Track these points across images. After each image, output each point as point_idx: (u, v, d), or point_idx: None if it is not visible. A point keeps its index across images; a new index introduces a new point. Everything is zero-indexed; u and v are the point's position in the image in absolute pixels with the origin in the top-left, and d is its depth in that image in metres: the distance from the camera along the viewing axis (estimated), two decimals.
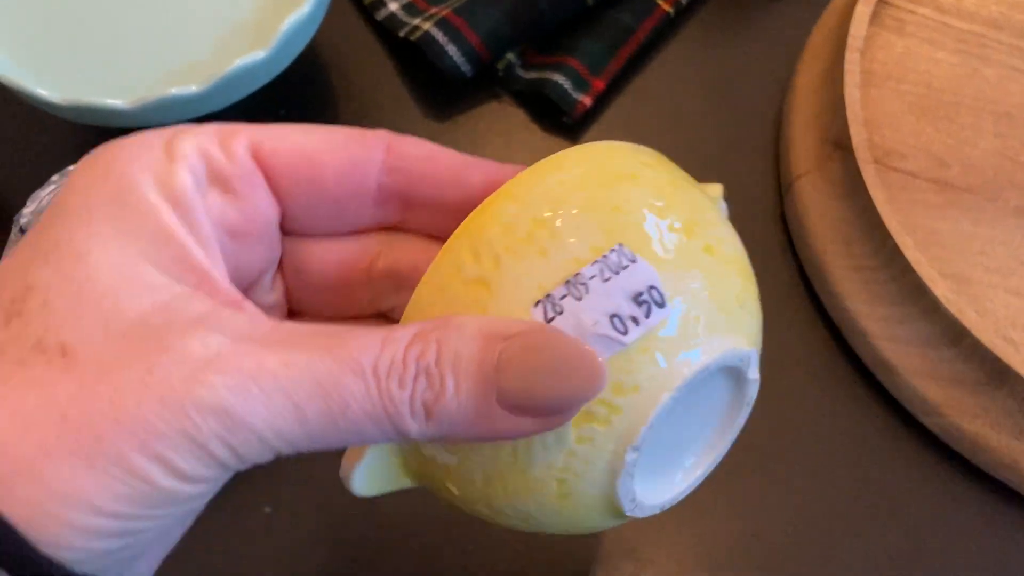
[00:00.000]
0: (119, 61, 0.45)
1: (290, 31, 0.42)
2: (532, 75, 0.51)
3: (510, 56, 0.52)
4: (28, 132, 0.50)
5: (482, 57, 0.49)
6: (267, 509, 0.41)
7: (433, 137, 0.50)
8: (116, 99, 0.40)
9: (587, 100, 0.49)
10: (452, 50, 0.49)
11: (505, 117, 0.51)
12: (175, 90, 0.40)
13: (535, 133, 0.51)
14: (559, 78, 0.49)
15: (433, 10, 0.51)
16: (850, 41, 0.45)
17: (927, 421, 0.42)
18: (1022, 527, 0.42)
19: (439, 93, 0.52)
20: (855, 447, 0.43)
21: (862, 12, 0.46)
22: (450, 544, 0.41)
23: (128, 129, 0.44)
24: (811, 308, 0.46)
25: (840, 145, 0.44)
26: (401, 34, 0.50)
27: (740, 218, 0.41)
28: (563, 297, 0.21)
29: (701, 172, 0.49)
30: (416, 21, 0.51)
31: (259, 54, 0.41)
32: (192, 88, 0.40)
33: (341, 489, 0.40)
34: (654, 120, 0.51)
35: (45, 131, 0.50)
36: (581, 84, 0.49)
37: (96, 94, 0.40)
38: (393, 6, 0.53)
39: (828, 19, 0.51)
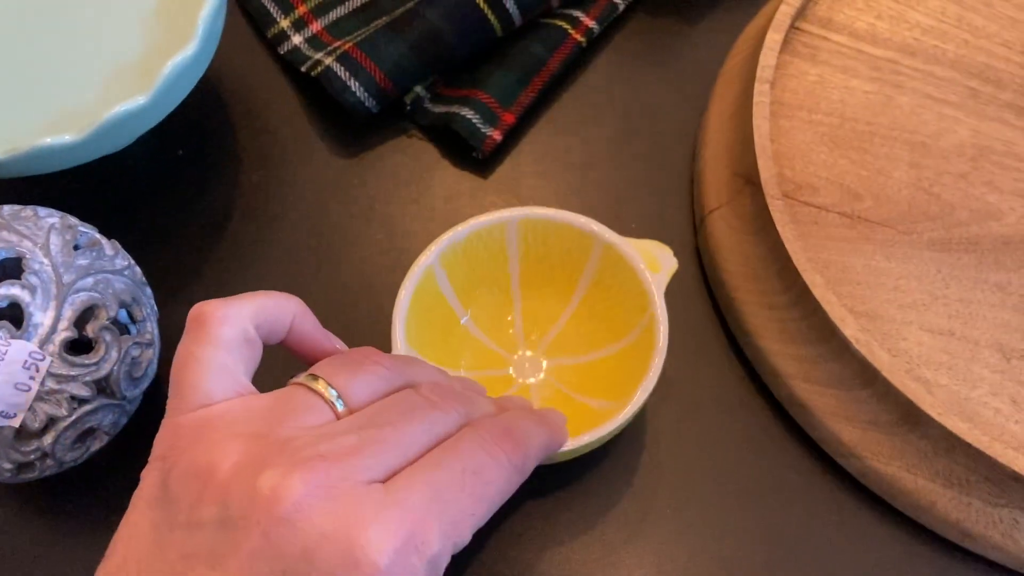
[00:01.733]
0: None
1: (173, 74, 0.40)
2: (440, 109, 0.49)
3: (418, 89, 0.50)
4: None
5: (387, 91, 0.48)
6: None
7: (341, 174, 0.49)
8: None
9: (496, 135, 0.48)
10: (354, 85, 0.47)
11: (414, 153, 0.50)
12: (50, 140, 0.38)
13: (447, 168, 0.49)
14: (467, 112, 0.48)
15: (336, 43, 0.49)
16: (760, 71, 0.44)
17: (844, 463, 0.41)
18: (941, 569, 0.41)
19: (346, 129, 0.50)
20: (772, 488, 0.42)
21: (773, 40, 0.45)
22: None
23: (5, 181, 0.42)
24: (726, 345, 0.45)
25: (750, 180, 0.43)
26: (303, 69, 0.49)
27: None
28: None
29: (616, 204, 0.48)
30: (319, 55, 0.49)
31: (139, 99, 0.39)
32: (66, 137, 0.38)
33: None
34: (568, 153, 0.50)
35: None
36: (490, 118, 0.48)
37: None
38: (297, 39, 0.51)
39: (742, 47, 0.50)
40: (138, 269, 0.39)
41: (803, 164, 0.44)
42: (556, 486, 0.41)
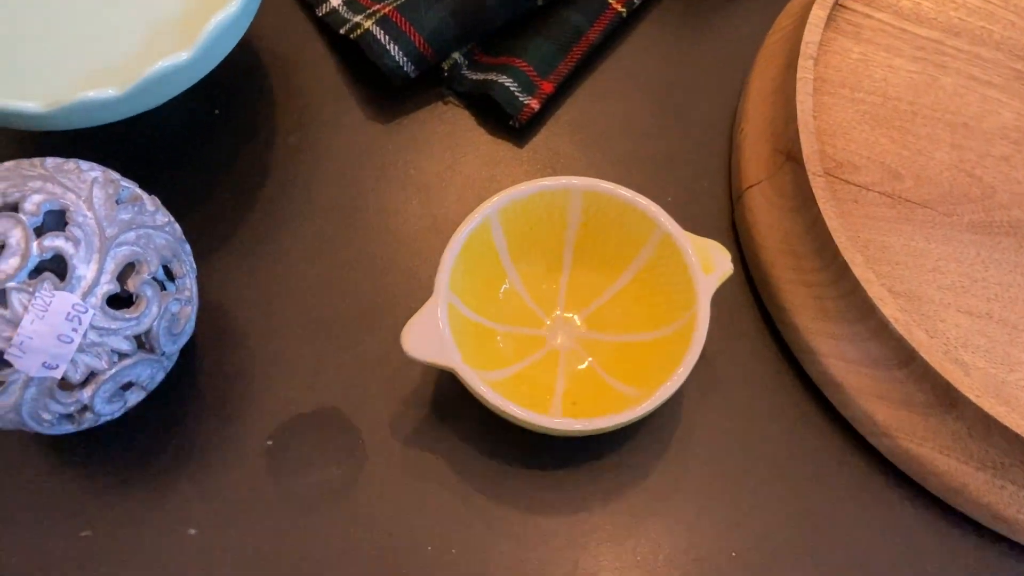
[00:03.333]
0: (37, 62, 0.43)
1: (215, 32, 0.39)
2: (478, 76, 0.49)
3: (456, 56, 0.50)
4: None
5: (426, 57, 0.47)
6: (191, 531, 0.39)
7: (377, 139, 0.49)
8: (30, 102, 0.38)
9: (534, 103, 0.48)
10: (394, 49, 0.47)
11: (451, 119, 0.50)
12: (92, 93, 0.38)
13: (481, 136, 0.49)
14: (506, 80, 0.48)
15: (376, 7, 0.49)
16: (804, 47, 0.44)
17: (875, 442, 0.41)
18: (971, 551, 0.41)
19: (383, 94, 0.50)
20: (802, 466, 0.42)
21: (817, 16, 0.45)
22: (381, 566, 0.39)
23: (45, 133, 0.42)
24: (761, 321, 0.45)
25: (791, 156, 0.42)
26: (342, 31, 0.48)
27: (692, 226, 0.40)
28: None
29: (652, 177, 0.48)
30: (358, 18, 0.49)
31: (181, 56, 0.39)
32: (110, 91, 0.38)
33: (267, 509, 0.39)
34: (603, 124, 0.50)
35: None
36: (529, 87, 0.48)
37: (10, 96, 0.38)
38: (335, 2, 0.51)
39: (783, 22, 0.49)
40: (178, 226, 0.39)
41: (844, 142, 0.44)
42: (587, 457, 0.42)
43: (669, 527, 0.41)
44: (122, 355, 0.35)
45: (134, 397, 0.37)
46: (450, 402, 0.42)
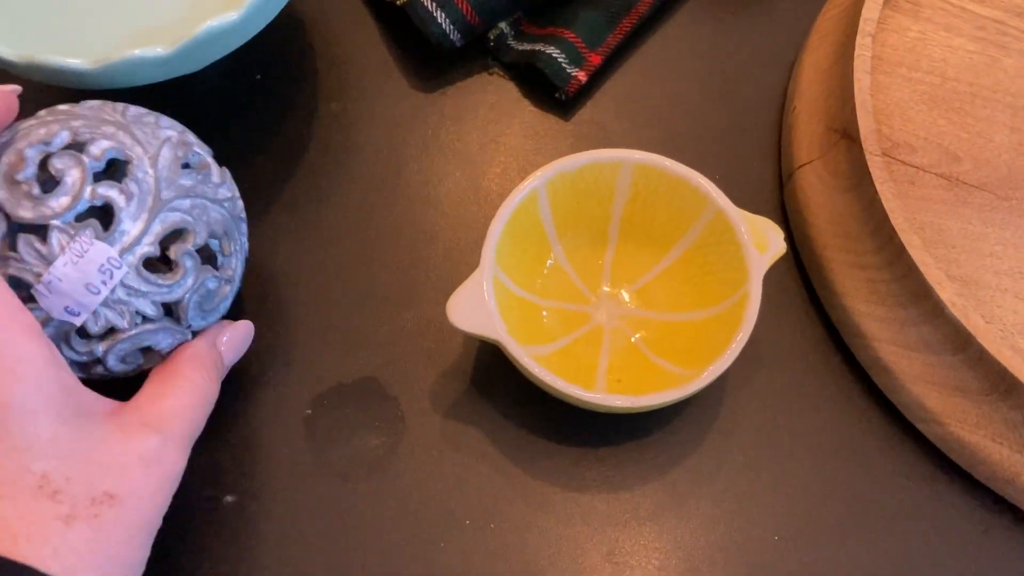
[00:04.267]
0: (85, 20, 0.42)
1: None
2: (525, 47, 0.48)
3: (502, 26, 0.49)
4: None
5: (473, 26, 0.47)
6: (228, 498, 0.39)
7: (420, 108, 0.48)
8: (78, 59, 0.38)
9: (582, 75, 0.47)
10: (441, 17, 0.46)
11: (495, 90, 0.49)
12: (140, 51, 0.37)
13: (526, 108, 0.48)
14: (554, 51, 0.47)
15: None
16: (862, 24, 0.43)
17: (924, 428, 0.40)
18: (1018, 541, 0.40)
19: (426, 62, 0.49)
20: (847, 451, 0.41)
21: None
22: (418, 539, 0.39)
23: (92, 91, 0.42)
24: (808, 303, 0.44)
25: (847, 134, 0.42)
26: (399, 1, 0.48)
27: (740, 204, 0.39)
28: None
29: (699, 154, 0.47)
30: None
31: (231, 16, 0.38)
32: (158, 50, 0.37)
33: (305, 478, 0.38)
34: (650, 99, 0.49)
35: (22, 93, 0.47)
36: (577, 58, 0.47)
37: (59, 53, 0.38)
38: None
39: None
40: (240, 203, 0.38)
41: (901, 122, 0.43)
42: (629, 435, 0.41)
43: (711, 508, 0.40)
44: (146, 319, 0.34)
45: (150, 363, 0.36)
46: (490, 375, 0.42)
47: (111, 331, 0.33)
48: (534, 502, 0.40)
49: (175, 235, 0.35)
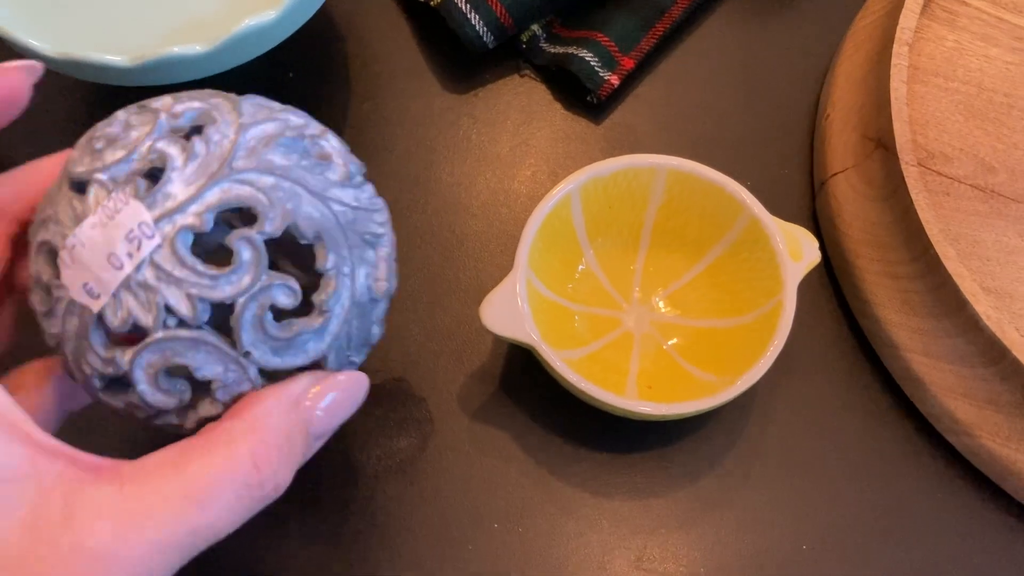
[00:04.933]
0: (122, 16, 0.43)
1: None
2: (557, 49, 0.48)
3: (535, 28, 0.49)
4: (38, 87, 0.48)
5: (506, 27, 0.47)
6: None
7: (451, 109, 0.48)
8: (116, 56, 0.38)
9: (614, 79, 0.47)
10: (475, 18, 0.46)
11: (526, 92, 0.49)
12: (178, 49, 0.38)
13: (557, 111, 0.48)
14: (586, 54, 0.47)
15: None
16: (899, 33, 0.43)
17: (954, 440, 0.40)
18: None
19: (458, 63, 0.49)
20: (876, 462, 0.41)
21: (913, 2, 0.43)
22: (446, 540, 0.39)
23: (129, 88, 0.42)
24: (838, 312, 0.44)
25: (882, 144, 0.41)
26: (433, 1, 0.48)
27: (771, 212, 0.39)
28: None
29: (730, 160, 0.47)
30: None
31: (269, 15, 0.38)
32: (196, 48, 0.38)
33: (332, 478, 0.38)
34: (682, 104, 0.49)
35: (57, 90, 0.48)
36: (609, 62, 0.47)
37: (97, 50, 0.38)
38: None
39: (874, 7, 0.48)
40: (377, 224, 0.29)
41: (936, 132, 0.43)
42: (657, 442, 0.41)
43: (739, 517, 0.40)
44: (179, 321, 0.25)
45: (205, 406, 0.27)
46: (519, 379, 0.42)
47: (136, 330, 0.26)
48: (562, 506, 0.40)
49: (241, 217, 0.28)
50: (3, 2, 0.41)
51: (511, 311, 0.36)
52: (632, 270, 0.43)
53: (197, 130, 0.27)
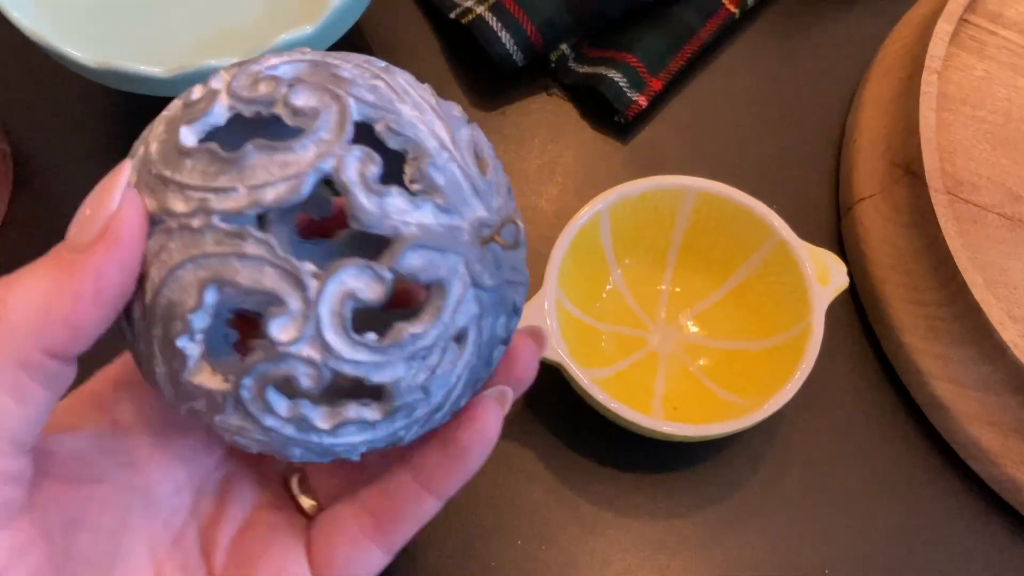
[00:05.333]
0: (159, 28, 0.43)
1: (340, 7, 0.39)
2: (586, 69, 0.48)
3: (563, 47, 0.49)
4: (67, 96, 0.48)
5: (535, 46, 0.47)
6: None
7: (479, 126, 0.48)
8: (153, 66, 0.38)
9: (642, 100, 0.47)
10: (505, 37, 0.46)
11: (554, 111, 0.49)
12: (215, 62, 0.38)
13: (584, 130, 0.49)
14: (615, 75, 0.47)
15: None
16: (928, 61, 0.43)
17: (978, 468, 0.40)
18: None
19: (487, 80, 0.49)
20: (899, 488, 0.41)
21: (943, 30, 0.44)
22: (470, 558, 0.39)
23: (166, 98, 0.42)
24: (863, 337, 0.44)
25: (910, 171, 0.42)
26: (452, 16, 0.48)
27: (796, 235, 0.39)
28: None
29: (755, 183, 0.47)
30: (468, 3, 0.48)
31: (306, 29, 0.39)
32: (233, 61, 0.38)
33: None
34: (709, 126, 0.49)
35: (90, 98, 0.48)
36: (638, 83, 0.47)
37: (134, 60, 0.38)
38: None
39: (902, 33, 0.48)
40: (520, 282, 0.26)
41: (964, 160, 0.43)
42: (681, 463, 0.41)
43: (762, 539, 0.40)
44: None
45: (361, 437, 0.23)
46: (543, 397, 0.42)
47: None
48: (586, 525, 0.40)
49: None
50: (45, 13, 0.42)
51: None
52: (659, 290, 0.43)
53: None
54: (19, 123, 0.47)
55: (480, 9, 0.47)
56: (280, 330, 0.21)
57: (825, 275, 0.39)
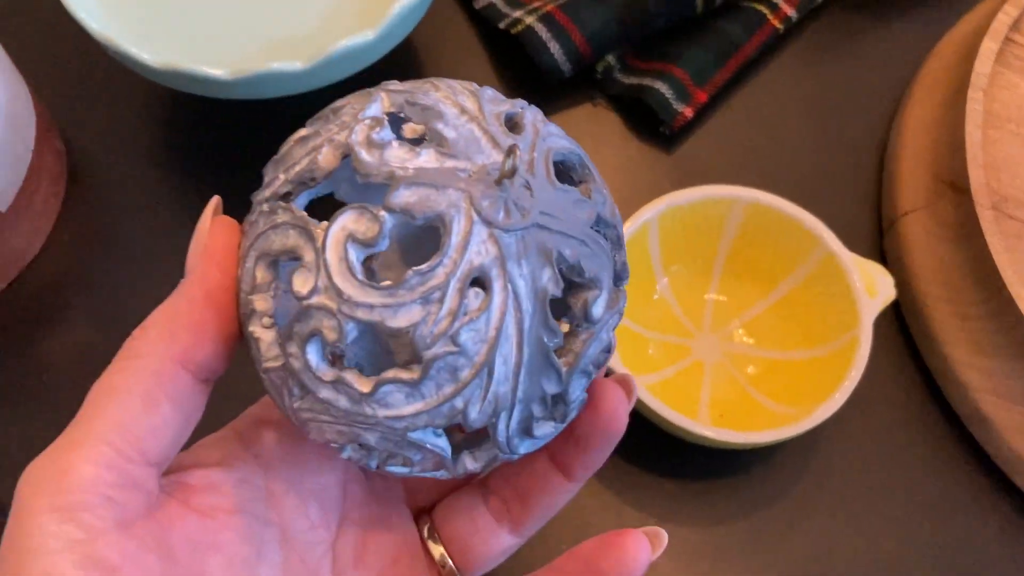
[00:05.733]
0: (221, 31, 0.44)
1: (400, 14, 0.40)
2: (632, 80, 0.49)
3: (610, 58, 0.50)
4: (121, 97, 0.49)
5: (583, 57, 0.48)
6: None
7: None
8: (217, 69, 0.39)
9: (688, 112, 0.48)
10: (554, 47, 0.47)
11: (599, 121, 0.50)
12: (278, 65, 0.39)
13: (629, 141, 0.49)
14: (661, 86, 0.48)
15: (536, 3, 0.49)
16: (974, 78, 0.43)
17: (1021, 482, 0.40)
18: None
19: (533, 90, 0.50)
20: (941, 500, 0.41)
21: (988, 48, 0.44)
22: (512, 559, 0.39)
23: (228, 100, 0.43)
24: (905, 349, 0.44)
25: (955, 186, 0.42)
26: (501, 26, 0.49)
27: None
28: None
29: (798, 197, 0.47)
30: (517, 14, 0.49)
31: (367, 35, 0.39)
32: (296, 64, 0.39)
33: None
34: (753, 139, 0.49)
35: (144, 99, 0.49)
36: (683, 95, 0.48)
37: (197, 62, 0.39)
38: None
39: (945, 51, 0.49)
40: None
41: (1009, 177, 0.43)
42: (724, 471, 0.41)
43: (803, 548, 0.40)
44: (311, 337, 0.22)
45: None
46: None
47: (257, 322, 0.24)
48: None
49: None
50: (112, 16, 0.43)
51: None
52: (705, 299, 0.43)
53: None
54: (73, 123, 0.48)
55: (530, 20, 0.48)
56: (300, 283, 0.22)
57: (872, 287, 0.39)
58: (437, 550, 0.28)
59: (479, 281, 0.22)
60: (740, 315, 0.43)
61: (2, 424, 0.41)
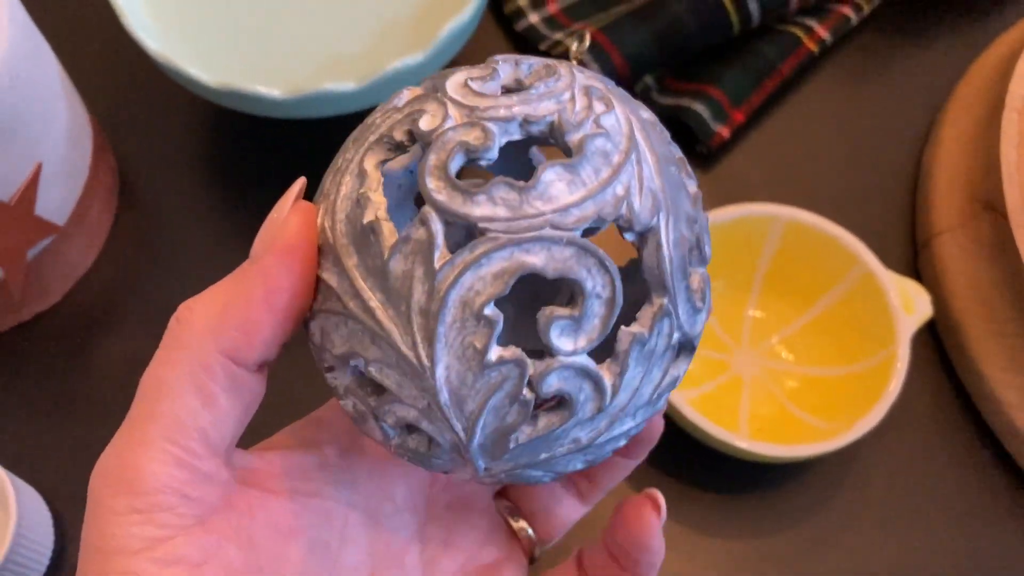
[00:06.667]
0: (275, 51, 0.45)
1: (449, 36, 0.41)
2: (668, 100, 0.50)
3: (648, 79, 0.51)
4: (172, 114, 0.50)
5: (623, 78, 0.49)
6: None
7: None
8: (271, 88, 0.40)
9: (725, 131, 0.49)
10: (595, 69, 0.48)
11: None
12: (331, 85, 0.40)
13: None
14: (698, 107, 0.49)
15: (575, 25, 0.50)
16: (1009, 100, 0.44)
17: None
18: None
19: None
20: (976, 516, 0.42)
21: (1023, 70, 0.45)
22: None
23: (281, 120, 0.44)
24: (940, 366, 0.45)
25: (990, 206, 0.43)
26: (542, 47, 0.50)
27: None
28: None
29: (833, 216, 0.48)
30: (557, 36, 0.50)
31: (417, 56, 0.41)
32: (349, 85, 0.40)
33: None
34: (788, 159, 0.50)
35: (195, 117, 0.50)
36: (720, 115, 0.49)
37: (252, 82, 0.40)
38: (534, 18, 0.52)
39: (980, 71, 0.49)
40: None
41: None
42: (762, 485, 0.42)
43: (839, 562, 0.41)
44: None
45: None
46: None
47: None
48: (667, 542, 0.41)
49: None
50: (170, 37, 0.44)
51: None
52: (743, 315, 0.44)
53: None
54: (125, 139, 0.50)
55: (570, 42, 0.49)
56: (427, 122, 0.21)
57: (909, 304, 0.40)
58: (518, 524, 0.29)
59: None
60: (779, 331, 0.44)
61: (58, 428, 0.42)
